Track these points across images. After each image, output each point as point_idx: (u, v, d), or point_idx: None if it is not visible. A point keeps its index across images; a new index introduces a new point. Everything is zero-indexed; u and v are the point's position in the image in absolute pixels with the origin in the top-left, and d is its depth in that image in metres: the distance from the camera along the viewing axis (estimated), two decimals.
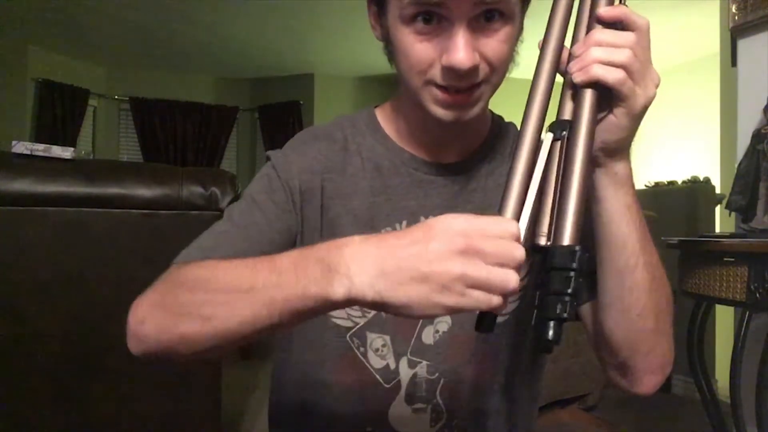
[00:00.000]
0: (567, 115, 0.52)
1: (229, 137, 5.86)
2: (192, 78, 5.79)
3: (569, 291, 0.42)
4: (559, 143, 0.50)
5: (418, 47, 0.61)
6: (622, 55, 0.51)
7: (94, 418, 1.33)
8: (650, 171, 4.65)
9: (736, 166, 1.97)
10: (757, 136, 1.89)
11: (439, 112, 0.64)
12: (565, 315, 0.42)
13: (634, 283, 0.60)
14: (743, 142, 2.01)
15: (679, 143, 4.82)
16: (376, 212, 0.72)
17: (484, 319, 0.46)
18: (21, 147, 1.34)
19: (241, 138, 5.99)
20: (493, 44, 0.61)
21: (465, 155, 0.75)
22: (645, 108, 0.55)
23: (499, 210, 0.49)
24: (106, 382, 1.34)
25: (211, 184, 1.39)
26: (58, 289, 1.29)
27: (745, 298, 1.54)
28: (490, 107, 0.79)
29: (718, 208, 3.08)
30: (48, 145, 1.36)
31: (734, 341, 1.62)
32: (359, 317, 0.72)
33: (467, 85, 0.62)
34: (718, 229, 3.03)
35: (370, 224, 0.72)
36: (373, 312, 0.71)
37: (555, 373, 2.35)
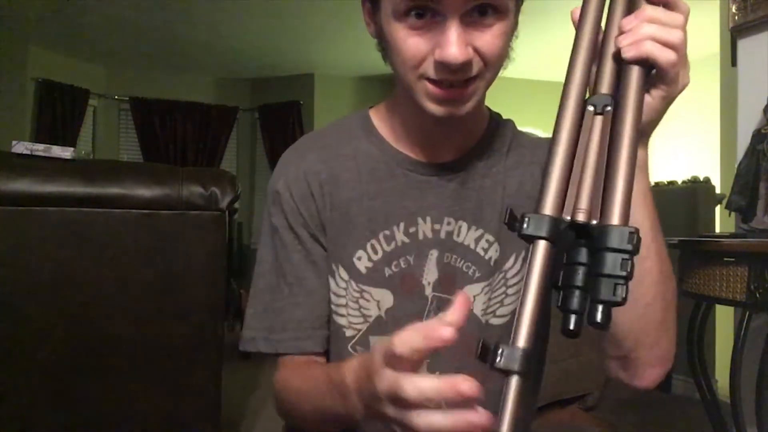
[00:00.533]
0: (606, 89, 0.50)
1: (229, 137, 5.86)
2: (192, 78, 5.79)
3: (625, 274, 0.40)
4: (600, 118, 0.48)
5: (411, 42, 0.61)
6: (675, 36, 0.50)
7: (94, 418, 1.33)
8: (650, 171, 4.64)
9: (736, 166, 1.97)
10: (757, 136, 1.89)
11: (433, 107, 0.64)
12: (621, 299, 0.40)
13: (644, 273, 0.59)
14: (743, 142, 2.01)
15: (679, 143, 4.83)
16: (374, 216, 0.72)
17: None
18: (21, 147, 1.34)
19: (241, 138, 5.99)
20: (486, 38, 0.61)
21: (461, 153, 0.74)
22: (680, 93, 0.54)
23: (542, 183, 0.45)
24: (106, 382, 1.34)
25: (211, 184, 1.39)
26: (58, 289, 1.29)
27: (745, 298, 1.54)
28: (488, 105, 0.79)
29: (718, 208, 3.08)
30: (48, 145, 1.36)
31: (734, 341, 1.62)
32: (361, 323, 0.73)
33: (460, 80, 0.62)
34: (718, 229, 3.03)
35: (369, 228, 0.72)
36: (373, 316, 0.72)
37: (555, 373, 2.35)
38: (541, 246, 0.42)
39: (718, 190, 3.10)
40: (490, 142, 0.76)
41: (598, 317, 0.40)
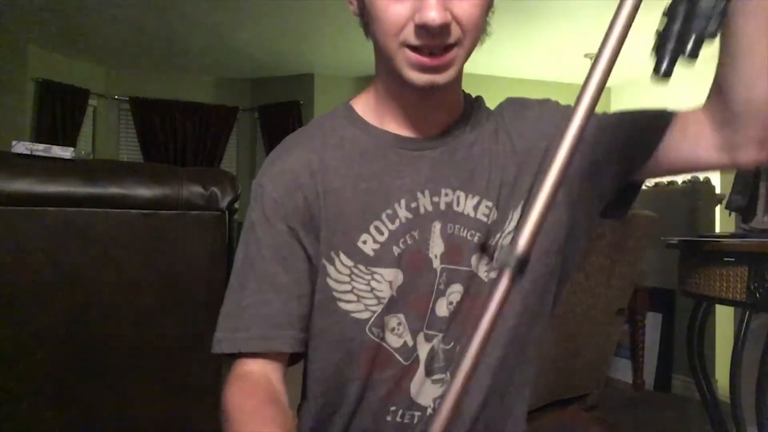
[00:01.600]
0: None
1: (229, 137, 5.86)
2: (192, 78, 5.79)
3: (720, 9, 0.43)
4: None
5: (391, 9, 0.64)
6: None
7: (94, 418, 1.33)
8: None
9: None
10: None
11: (414, 75, 0.66)
12: (715, 32, 0.43)
13: None
14: None
15: None
16: (372, 198, 0.73)
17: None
18: (21, 147, 1.34)
19: (241, 138, 5.99)
20: (464, 6, 0.63)
21: (446, 127, 0.76)
22: None
23: None
24: (106, 382, 1.34)
25: (211, 184, 1.39)
26: (58, 289, 1.29)
27: (745, 298, 1.55)
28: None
29: (718, 208, 3.08)
30: (48, 145, 1.36)
31: (734, 341, 1.62)
32: (375, 305, 0.73)
33: (440, 46, 0.64)
34: (718, 229, 3.03)
35: (370, 210, 0.73)
36: (387, 297, 0.72)
37: (555, 373, 2.35)
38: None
39: (718, 190, 3.10)
40: (471, 114, 0.78)
41: (685, 49, 0.44)
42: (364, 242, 0.72)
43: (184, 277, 1.38)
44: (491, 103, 0.84)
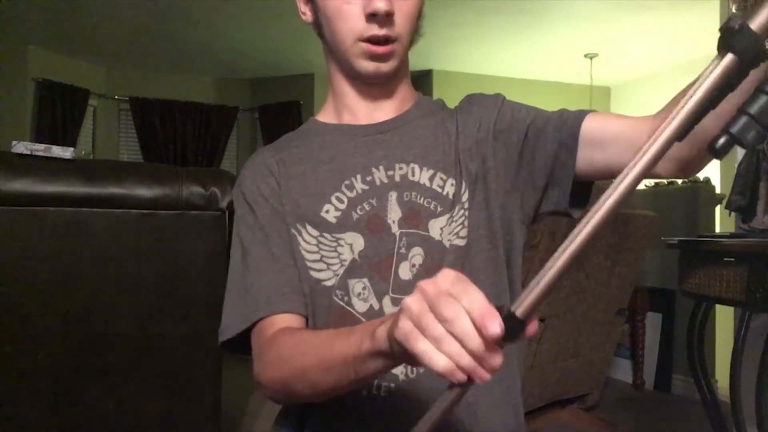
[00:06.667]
0: None
1: (229, 137, 5.86)
2: (192, 78, 5.79)
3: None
4: None
5: (346, 8, 0.75)
6: None
7: (94, 418, 1.33)
8: None
9: (736, 166, 1.97)
10: None
11: (364, 64, 0.77)
12: (755, 146, 0.41)
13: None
14: None
15: None
16: (331, 175, 0.81)
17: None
18: (21, 147, 1.34)
19: (241, 138, 5.99)
20: (403, 4, 0.75)
21: (399, 114, 0.85)
22: None
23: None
24: (106, 382, 1.34)
25: (211, 184, 1.39)
26: (58, 289, 1.29)
27: (745, 298, 1.55)
28: None
29: (718, 208, 3.08)
30: (48, 145, 1.36)
31: (734, 341, 1.62)
32: (339, 268, 0.76)
33: (386, 36, 0.75)
34: (718, 229, 3.03)
35: (330, 184, 0.80)
36: (349, 259, 0.77)
37: (555, 373, 2.35)
38: (727, 58, 0.41)
39: (718, 190, 3.10)
40: (424, 105, 0.87)
41: (716, 144, 0.40)
42: (327, 211, 0.79)
43: (184, 277, 1.38)
44: None
